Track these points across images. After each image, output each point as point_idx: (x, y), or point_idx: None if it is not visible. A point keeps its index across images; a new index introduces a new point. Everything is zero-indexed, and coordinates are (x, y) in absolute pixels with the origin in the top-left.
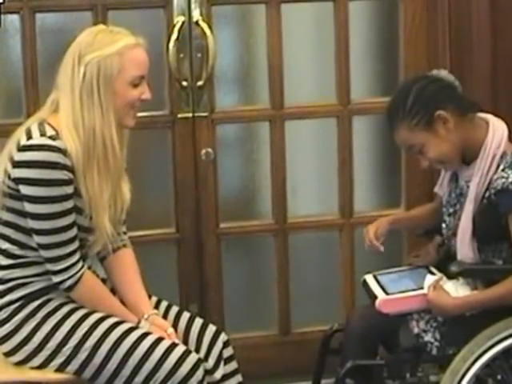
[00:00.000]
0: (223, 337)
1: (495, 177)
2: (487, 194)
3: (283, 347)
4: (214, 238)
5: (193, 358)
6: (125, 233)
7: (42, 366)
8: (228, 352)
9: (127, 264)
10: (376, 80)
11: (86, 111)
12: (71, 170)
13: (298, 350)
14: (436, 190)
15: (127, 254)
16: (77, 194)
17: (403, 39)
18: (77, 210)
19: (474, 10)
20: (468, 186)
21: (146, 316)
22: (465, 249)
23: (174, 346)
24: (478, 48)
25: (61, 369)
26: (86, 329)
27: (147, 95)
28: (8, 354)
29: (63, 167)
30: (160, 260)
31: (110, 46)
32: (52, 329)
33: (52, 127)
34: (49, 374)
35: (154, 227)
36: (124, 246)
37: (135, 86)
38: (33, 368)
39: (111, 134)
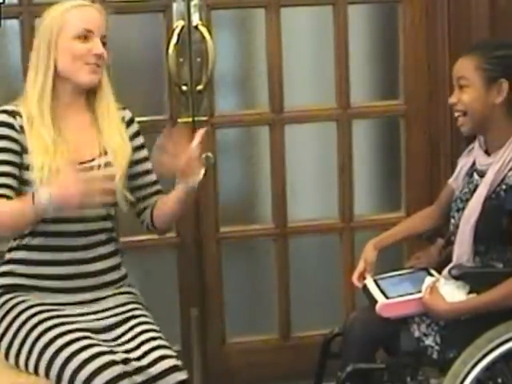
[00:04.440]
0: (179, 376)
1: (510, 173)
2: (497, 190)
3: (283, 351)
4: (214, 243)
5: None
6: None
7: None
8: None
9: (161, 204)
10: (376, 83)
11: (38, 77)
12: (20, 129)
13: (298, 354)
14: (450, 181)
15: (157, 202)
16: (25, 151)
17: (403, 42)
18: (24, 166)
19: (473, 13)
20: (482, 182)
21: None
22: (465, 236)
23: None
24: None
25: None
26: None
27: (99, 50)
28: (5, 356)
29: (7, 125)
30: (160, 264)
31: (55, 10)
32: (13, 335)
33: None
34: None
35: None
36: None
37: (83, 40)
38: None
39: (43, 93)
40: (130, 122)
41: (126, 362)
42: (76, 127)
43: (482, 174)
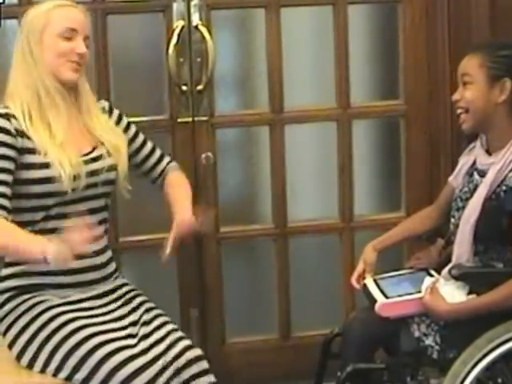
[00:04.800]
0: (203, 364)
1: (510, 174)
2: (497, 190)
3: (283, 351)
4: (215, 243)
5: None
6: (160, 160)
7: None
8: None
9: (171, 186)
10: (376, 83)
11: (24, 74)
12: (16, 132)
13: (298, 354)
14: (450, 179)
15: (169, 180)
16: (29, 151)
17: (403, 42)
18: (28, 166)
19: (473, 13)
20: (483, 181)
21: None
22: (465, 236)
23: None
24: None
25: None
26: (60, 338)
27: (82, 49)
28: (18, 357)
29: (3, 130)
30: (160, 264)
31: (40, 9)
32: (32, 335)
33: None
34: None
35: (154, 232)
36: (166, 173)
37: (67, 39)
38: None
39: (41, 88)
40: (110, 110)
41: (155, 359)
42: (65, 123)
43: (482, 174)
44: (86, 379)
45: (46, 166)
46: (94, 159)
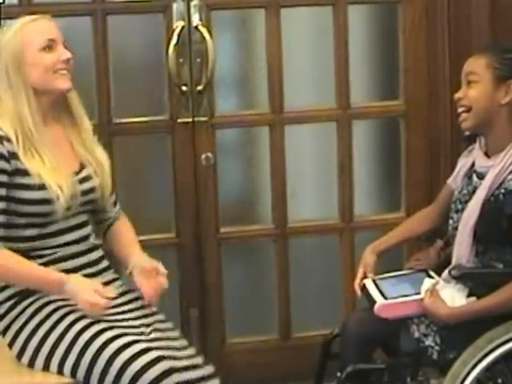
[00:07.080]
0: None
1: (509, 177)
2: (496, 192)
3: (284, 352)
4: (214, 243)
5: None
6: (115, 204)
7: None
8: None
9: (121, 233)
10: (376, 84)
11: (9, 99)
12: (8, 155)
13: (298, 354)
14: (449, 181)
15: (120, 225)
16: (23, 173)
17: (403, 43)
18: (24, 186)
19: (473, 13)
20: (481, 184)
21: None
22: (464, 237)
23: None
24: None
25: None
26: (72, 335)
27: (66, 55)
28: (18, 356)
29: None
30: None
31: (12, 30)
32: (45, 333)
33: None
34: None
35: (154, 232)
36: (116, 219)
37: (48, 50)
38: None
39: (25, 114)
40: None
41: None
42: (52, 141)
43: (481, 176)
44: (102, 374)
45: (42, 187)
46: (85, 179)
